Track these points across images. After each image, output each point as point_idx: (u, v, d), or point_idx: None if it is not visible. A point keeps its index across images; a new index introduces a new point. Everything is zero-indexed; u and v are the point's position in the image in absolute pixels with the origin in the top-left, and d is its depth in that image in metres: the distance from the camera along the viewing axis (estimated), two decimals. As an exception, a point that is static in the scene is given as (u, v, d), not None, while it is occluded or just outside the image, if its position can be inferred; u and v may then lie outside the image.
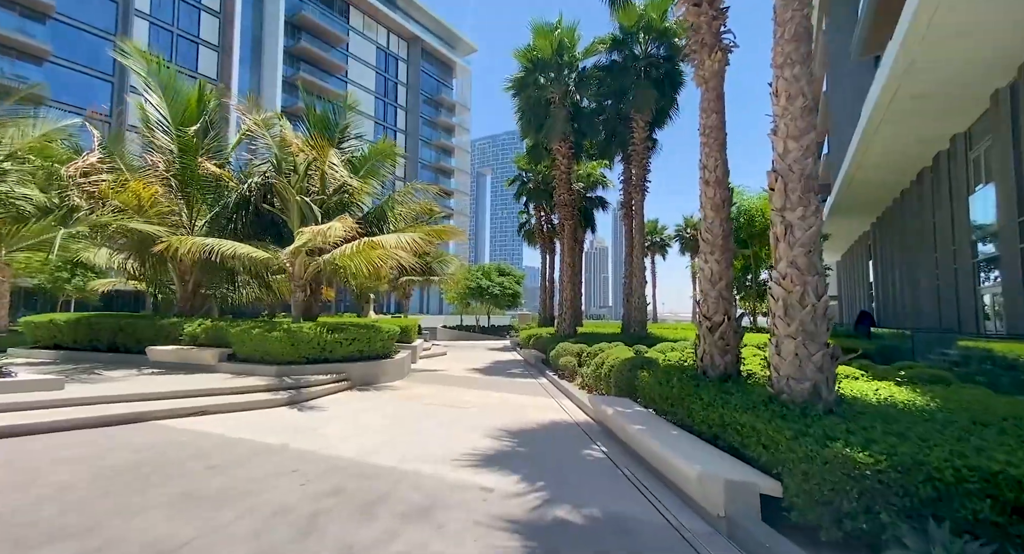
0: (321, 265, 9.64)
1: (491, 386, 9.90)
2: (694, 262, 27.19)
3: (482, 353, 18.60)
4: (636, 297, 13.26)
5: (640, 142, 13.47)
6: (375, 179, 12.26)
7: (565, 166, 14.33)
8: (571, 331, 14.23)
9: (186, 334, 9.60)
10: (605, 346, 10.14)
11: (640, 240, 13.40)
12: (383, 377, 9.63)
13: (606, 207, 21.73)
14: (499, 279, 31.78)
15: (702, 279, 5.45)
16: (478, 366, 13.68)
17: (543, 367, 12.72)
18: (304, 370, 8.58)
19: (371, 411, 7.01)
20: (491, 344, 24.17)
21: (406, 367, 10.95)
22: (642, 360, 6.68)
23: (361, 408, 7.22)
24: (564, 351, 10.91)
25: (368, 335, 9.43)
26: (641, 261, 13.37)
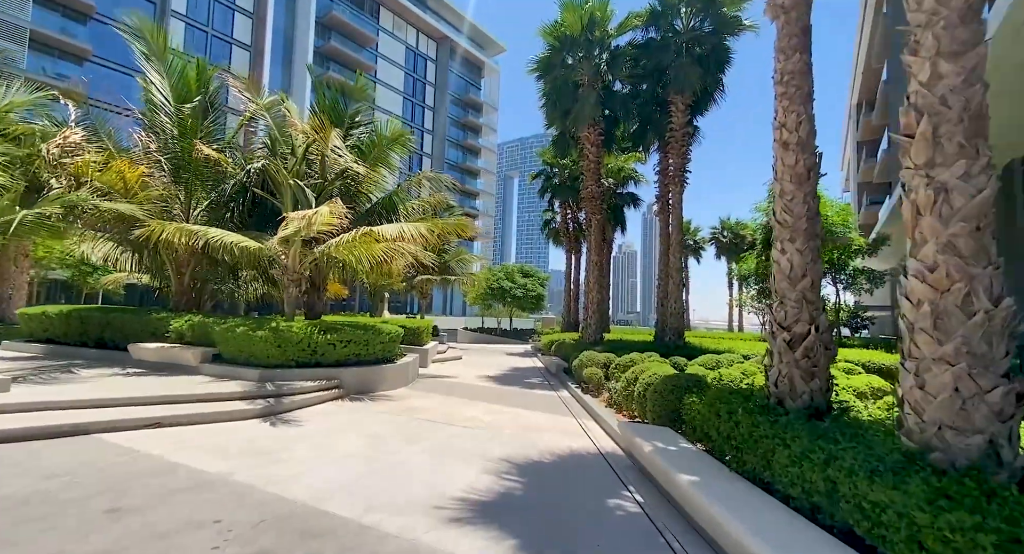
0: (317, 257, 8.65)
1: (503, 399, 8.66)
2: (740, 265, 25.09)
3: (500, 358, 17.39)
4: (672, 302, 11.76)
5: (679, 127, 12.00)
6: (385, 167, 11.25)
7: (594, 155, 12.98)
8: (597, 338, 12.84)
9: (172, 331, 8.79)
10: (637, 357, 8.75)
11: (678, 238, 11.91)
12: (382, 384, 8.54)
13: (638, 204, 20.18)
14: (522, 280, 30.53)
15: (777, 276, 4.06)
16: (493, 373, 12.47)
17: (565, 377, 11.39)
18: (291, 375, 7.57)
19: (354, 428, 5.88)
20: (511, 348, 22.94)
21: (411, 373, 9.84)
22: (688, 379, 5.30)
23: (344, 424, 6.11)
24: (589, 361, 9.57)
25: (366, 337, 8.36)
26: (679, 261, 11.87)
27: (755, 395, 4.10)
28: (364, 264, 8.89)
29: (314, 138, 9.02)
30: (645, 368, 6.54)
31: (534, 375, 12.47)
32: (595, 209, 13.11)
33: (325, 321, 8.24)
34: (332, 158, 9.25)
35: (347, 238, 8.04)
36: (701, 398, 4.38)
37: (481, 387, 10.06)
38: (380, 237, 8.29)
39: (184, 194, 10.42)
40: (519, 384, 10.69)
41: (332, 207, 7.33)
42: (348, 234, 8.00)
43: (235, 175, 9.87)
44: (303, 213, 7.17)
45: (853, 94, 37.84)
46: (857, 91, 35.04)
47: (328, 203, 7.49)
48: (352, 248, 8.56)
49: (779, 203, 4.06)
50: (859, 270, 18.95)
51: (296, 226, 7.29)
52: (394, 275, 17.47)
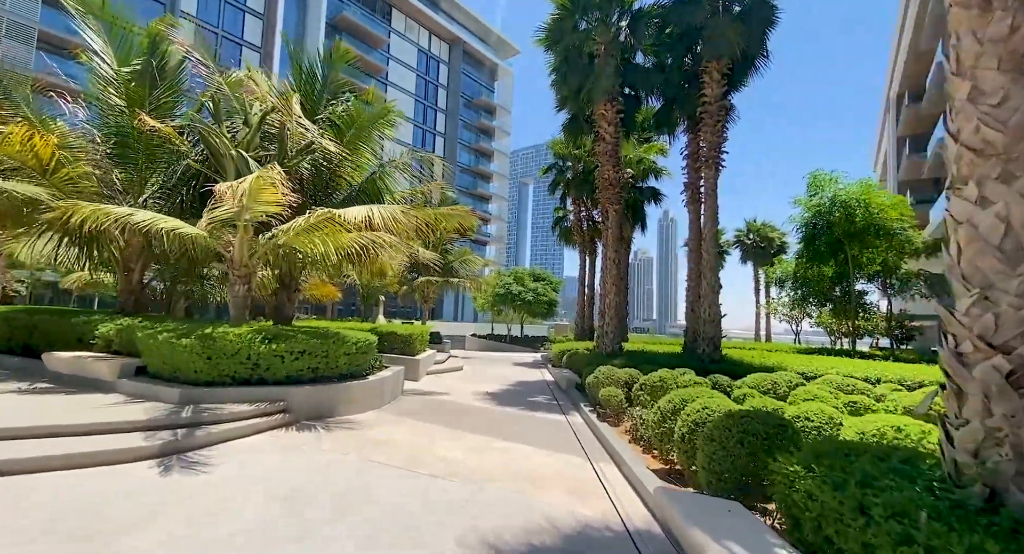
0: (267, 247, 7.02)
1: (498, 426, 6.85)
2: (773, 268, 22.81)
3: (506, 369, 15.57)
4: (706, 306, 9.82)
5: (714, 100, 10.13)
6: (367, 149, 9.64)
7: (611, 136, 11.17)
8: (615, 348, 10.96)
9: (99, 337, 7.24)
10: (667, 375, 6.87)
11: (712, 230, 9.99)
12: (347, 407, 6.81)
13: (659, 200, 18.25)
14: (533, 285, 28.67)
15: (970, 246, 2.19)
16: (493, 389, 10.66)
17: (576, 395, 9.53)
18: (222, 396, 5.90)
19: (275, 479, 4.15)
20: (520, 357, 21.09)
21: (390, 391, 8.11)
22: (763, 422, 3.40)
23: (266, 470, 4.38)
24: (606, 378, 7.71)
25: (324, 347, 6.66)
26: (714, 258, 9.93)
27: (922, 474, 2.22)
28: (331, 257, 7.21)
29: (272, 105, 7.45)
30: (687, 396, 4.66)
31: (541, 391, 10.63)
32: (612, 198, 11.27)
33: (272, 327, 6.58)
34: (295, 130, 7.65)
35: (300, 223, 6.38)
36: (810, 469, 2.49)
37: (475, 409, 8.26)
38: (344, 223, 6.61)
39: (136, 176, 8.94)
40: (521, 404, 8.86)
41: (268, 173, 5.63)
42: (301, 218, 6.35)
43: (189, 153, 8.35)
44: (227, 184, 5.51)
45: (892, 85, 35.26)
46: (898, 81, 32.53)
47: (263, 169, 5.80)
48: (311, 237, 6.91)
49: (969, 113, 2.19)
50: (914, 273, 16.65)
51: (229, 205, 5.65)
52: (387, 275, 15.87)
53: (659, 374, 7.01)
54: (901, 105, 32.19)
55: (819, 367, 8.39)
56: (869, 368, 8.51)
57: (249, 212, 6.33)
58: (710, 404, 4.08)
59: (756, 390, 6.52)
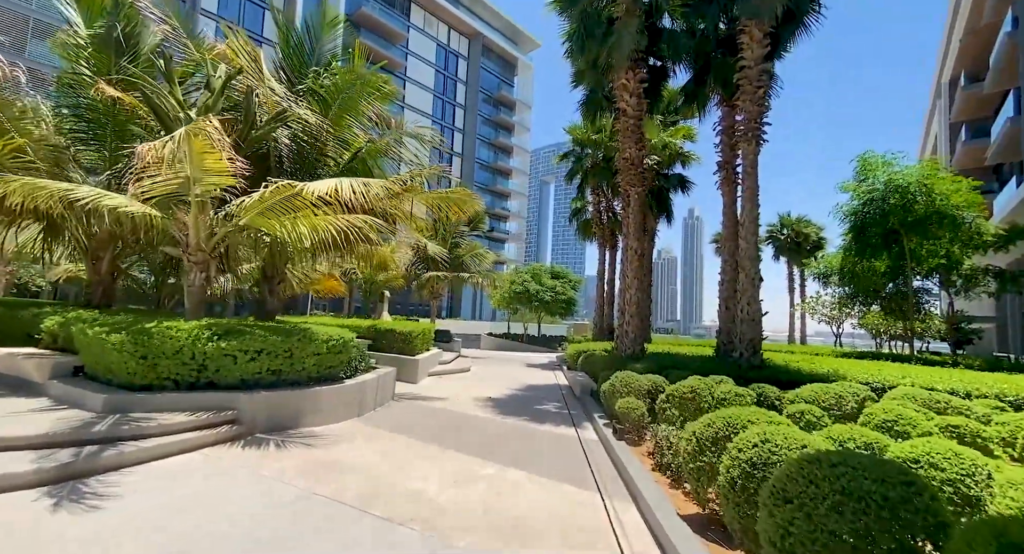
0: (231, 231, 6.03)
1: (494, 443, 5.69)
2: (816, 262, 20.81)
3: (517, 371, 14.40)
4: (744, 303, 8.40)
5: (755, 64, 8.69)
6: (354, 120, 8.62)
7: (634, 109, 9.84)
8: (636, 350, 9.64)
9: (45, 331, 6.42)
10: (700, 384, 5.58)
11: (752, 213, 8.55)
12: (314, 416, 5.77)
13: (687, 188, 16.73)
14: (551, 282, 27.41)
15: None
16: (498, 394, 9.51)
17: (592, 403, 8.28)
18: (164, 403, 4.93)
19: (173, 523, 3.09)
20: (534, 358, 19.88)
21: (371, 396, 7.04)
22: (888, 478, 2.09)
23: (177, 506, 3.33)
24: (624, 386, 6.45)
25: (287, 346, 5.63)
26: (754, 246, 8.50)
27: None
28: (303, 243, 6.17)
29: (239, 66, 6.47)
30: (734, 419, 3.37)
31: (551, 398, 9.41)
32: (634, 180, 9.93)
33: (224, 322, 5.58)
34: (267, 97, 6.66)
35: (256, 198, 5.36)
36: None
37: (471, 419, 7.12)
38: (308, 196, 5.55)
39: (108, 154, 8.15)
40: (526, 413, 7.67)
41: (203, 125, 4.55)
42: (257, 192, 5.32)
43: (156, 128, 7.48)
44: (150, 146, 4.45)
45: (944, 70, 32.46)
46: (952, 64, 29.81)
47: (196, 122, 4.73)
48: (280, 219, 5.91)
49: None
50: (980, 270, 14.67)
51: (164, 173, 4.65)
52: (388, 268, 14.91)
53: (689, 383, 5.72)
54: (955, 89, 29.48)
55: (887, 376, 6.89)
56: (948, 378, 6.97)
57: (200, 185, 5.34)
58: (773, 436, 2.80)
59: (815, 406, 5.15)
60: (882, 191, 13.27)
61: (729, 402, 5.41)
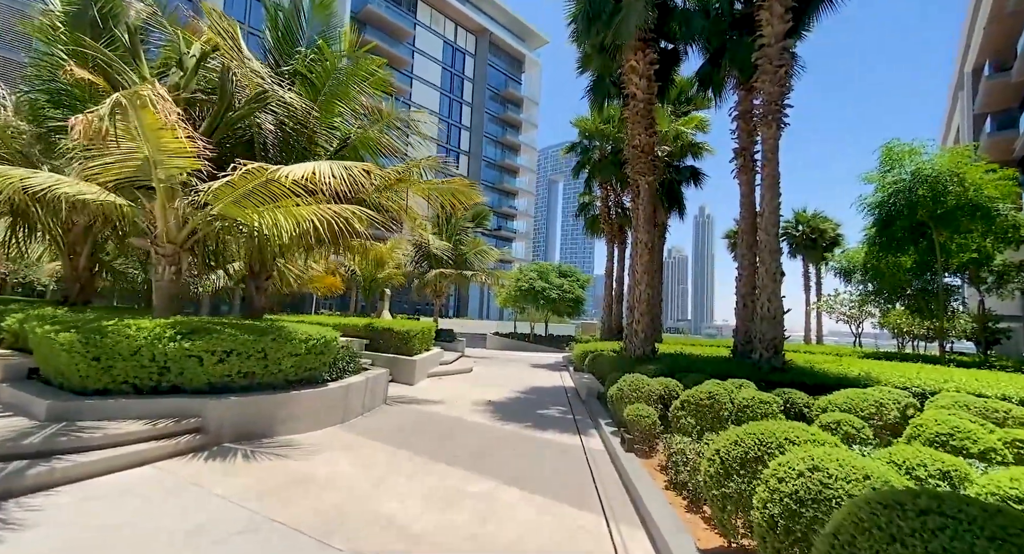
0: (204, 221, 5.54)
1: (488, 453, 5.12)
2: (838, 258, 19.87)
3: (521, 372, 13.82)
4: (764, 300, 7.73)
5: (775, 41, 8.00)
6: (345, 106, 8.10)
7: (644, 92, 9.19)
8: (647, 350, 9.00)
9: (6, 331, 5.99)
10: (718, 389, 4.98)
11: (773, 203, 7.86)
12: (291, 423, 5.25)
13: (699, 181, 16.01)
14: (558, 281, 26.74)
15: None
16: (498, 397, 8.94)
17: (598, 408, 7.69)
18: (120, 409, 4.44)
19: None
20: (541, 358, 19.28)
21: (358, 401, 6.52)
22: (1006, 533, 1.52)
23: (73, 543, 2.81)
24: (635, 391, 5.84)
25: (261, 345, 5.11)
26: (775, 238, 7.81)
27: None
28: (283, 235, 5.65)
29: (214, 43, 5.97)
30: (767, 437, 2.76)
31: (555, 401, 8.82)
32: (644, 169, 9.29)
33: (190, 320, 5.08)
34: (249, 78, 6.15)
35: (222, 184, 4.85)
36: None
37: (466, 426, 6.55)
38: (283, 180, 5.03)
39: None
40: (528, 419, 7.08)
41: (130, 95, 4.01)
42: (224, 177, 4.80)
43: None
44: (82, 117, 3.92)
45: (967, 59, 31.19)
46: (975, 52, 28.58)
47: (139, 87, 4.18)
48: (257, 208, 5.41)
49: None
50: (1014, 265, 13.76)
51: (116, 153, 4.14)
52: (385, 265, 14.42)
53: (707, 388, 5.10)
54: (979, 79, 28.26)
55: (927, 380, 6.20)
56: (996, 382, 6.25)
57: (163, 169, 4.83)
58: (823, 461, 2.19)
59: (853, 415, 4.50)
60: (909, 181, 12.45)
61: (752, 410, 4.79)
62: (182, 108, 5.79)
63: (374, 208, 8.86)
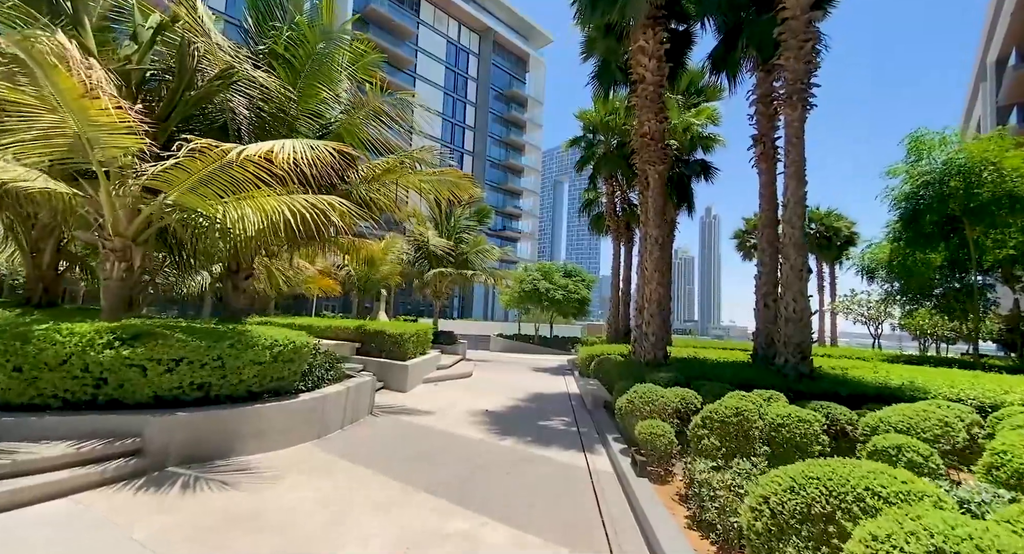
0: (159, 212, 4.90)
1: (478, 478, 4.41)
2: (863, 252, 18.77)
3: (523, 377, 13.10)
4: (789, 299, 6.96)
5: (800, 13, 7.23)
6: (328, 90, 7.45)
7: (654, 75, 8.45)
8: (658, 355, 8.25)
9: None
10: (745, 404, 4.24)
11: (798, 192, 7.08)
12: (253, 441, 4.59)
13: (709, 175, 15.20)
14: (563, 281, 26.03)
15: None
16: (497, 406, 8.22)
17: (605, 420, 6.96)
18: (44, 428, 3.79)
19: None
20: (545, 361, 18.54)
21: (336, 414, 5.84)
22: None
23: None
24: (647, 403, 5.10)
25: (217, 352, 4.44)
26: (800, 231, 7.03)
27: None
28: (248, 228, 5.00)
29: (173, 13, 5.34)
30: (838, 485, 2.03)
31: (559, 411, 8.09)
32: (654, 158, 8.54)
33: (133, 324, 4.42)
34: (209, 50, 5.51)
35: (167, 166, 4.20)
36: None
37: (457, 441, 5.84)
38: (246, 164, 4.37)
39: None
40: (527, 433, 6.36)
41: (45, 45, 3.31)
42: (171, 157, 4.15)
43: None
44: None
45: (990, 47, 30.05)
46: (999, 41, 27.49)
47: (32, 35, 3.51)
48: (214, 195, 4.77)
49: None
50: (1051, 262, 12.79)
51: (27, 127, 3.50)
52: (378, 263, 13.77)
53: (732, 402, 4.35)
54: (1003, 69, 27.15)
55: (985, 390, 5.40)
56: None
57: (101, 149, 4.19)
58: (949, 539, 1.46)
59: (915, 438, 3.73)
60: (939, 172, 11.59)
61: (788, 430, 4.05)
62: (134, 86, 5.17)
63: (362, 203, 8.25)
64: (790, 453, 4.02)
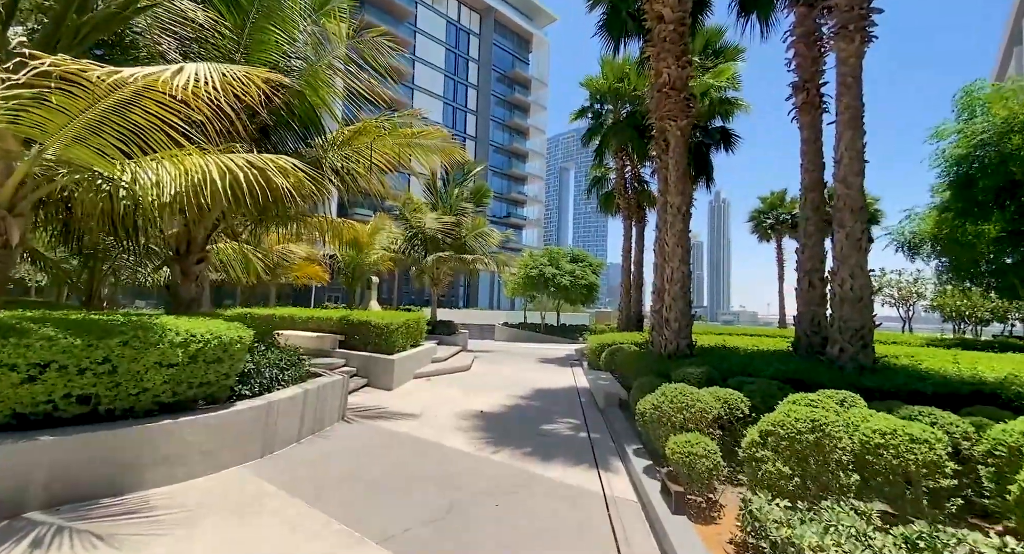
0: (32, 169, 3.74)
1: (453, 520, 3.26)
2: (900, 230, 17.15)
3: (526, 369, 11.96)
4: (845, 276, 5.68)
5: (856, -79, 5.81)
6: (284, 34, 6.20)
7: (674, 10, 7.05)
8: (681, 345, 7.01)
9: None
10: (824, 415, 2.99)
11: (854, 143, 5.75)
12: (166, 467, 3.49)
13: (730, 144, 13.74)
14: (569, 266, 24.77)
15: None
16: (493, 406, 7.08)
17: (621, 423, 5.78)
18: None
19: None
20: (551, 351, 17.39)
21: (291, 423, 4.73)
22: None
23: None
24: (680, 410, 3.88)
25: (104, 352, 3.31)
26: (859, 192, 5.72)
27: None
28: (161, 192, 3.84)
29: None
30: None
31: (566, 411, 6.93)
32: (675, 110, 7.20)
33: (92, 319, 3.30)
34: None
35: (20, 98, 3.02)
36: None
37: (438, 457, 4.70)
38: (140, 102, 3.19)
39: None
40: (526, 443, 5.21)
41: None
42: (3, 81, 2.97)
43: None
44: None
45: None
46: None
47: None
48: (111, 146, 3.60)
49: None
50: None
51: None
52: (362, 246, 12.60)
53: (802, 410, 3.15)
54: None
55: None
56: None
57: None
58: None
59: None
60: (999, 129, 10.11)
61: (897, 453, 2.83)
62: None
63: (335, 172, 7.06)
64: (896, 487, 2.82)
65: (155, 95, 3.71)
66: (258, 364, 4.87)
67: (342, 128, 7.01)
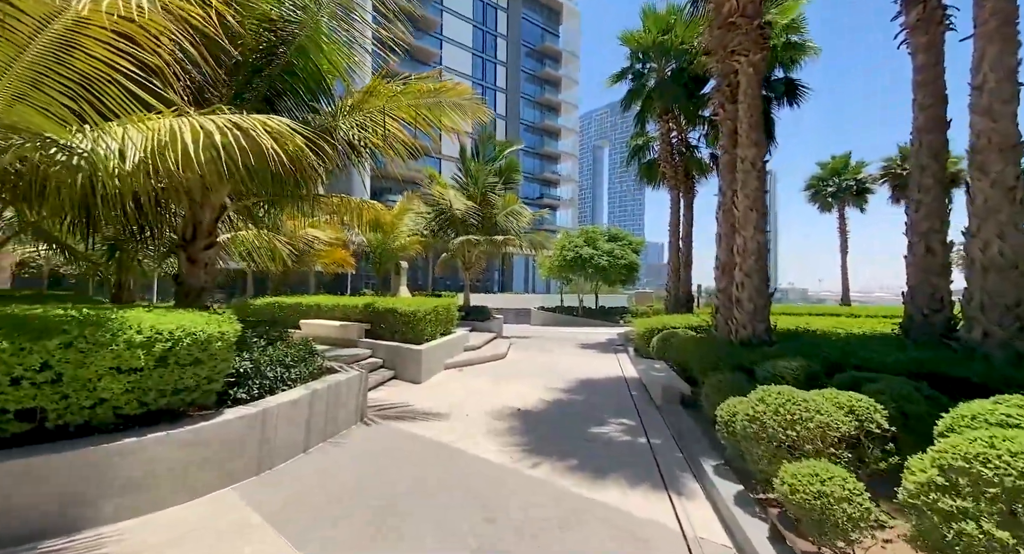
0: None
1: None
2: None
3: (566, 355, 11.00)
4: (990, 235, 4.31)
5: None
6: None
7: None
8: (757, 330, 5.81)
9: None
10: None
11: (1006, 61, 4.31)
12: (137, 492, 2.82)
13: (797, 97, 11.92)
14: (607, 246, 23.36)
15: None
16: (531, 402, 6.19)
17: (688, 425, 4.74)
18: None
19: None
20: (591, 335, 16.31)
21: (293, 431, 4.03)
22: None
23: None
24: (792, 424, 2.82)
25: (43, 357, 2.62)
26: (1013, 125, 4.32)
27: None
28: (124, 163, 3.12)
29: None
30: None
31: (616, 408, 5.93)
32: (748, 43, 5.84)
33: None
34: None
35: None
36: None
37: (464, 471, 3.85)
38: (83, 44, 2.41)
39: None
40: (571, 453, 4.27)
41: None
42: None
43: None
44: None
45: None
46: None
47: None
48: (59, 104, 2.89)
49: None
50: None
51: None
52: (390, 229, 11.88)
53: (1013, 434, 2.00)
54: None
55: None
56: None
57: None
58: None
59: None
60: None
61: None
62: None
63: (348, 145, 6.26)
64: None
65: (94, 31, 2.96)
66: (257, 362, 4.16)
67: (350, 91, 6.14)
